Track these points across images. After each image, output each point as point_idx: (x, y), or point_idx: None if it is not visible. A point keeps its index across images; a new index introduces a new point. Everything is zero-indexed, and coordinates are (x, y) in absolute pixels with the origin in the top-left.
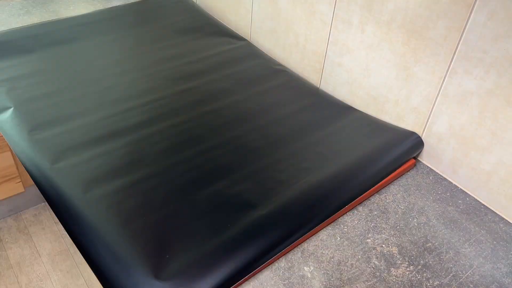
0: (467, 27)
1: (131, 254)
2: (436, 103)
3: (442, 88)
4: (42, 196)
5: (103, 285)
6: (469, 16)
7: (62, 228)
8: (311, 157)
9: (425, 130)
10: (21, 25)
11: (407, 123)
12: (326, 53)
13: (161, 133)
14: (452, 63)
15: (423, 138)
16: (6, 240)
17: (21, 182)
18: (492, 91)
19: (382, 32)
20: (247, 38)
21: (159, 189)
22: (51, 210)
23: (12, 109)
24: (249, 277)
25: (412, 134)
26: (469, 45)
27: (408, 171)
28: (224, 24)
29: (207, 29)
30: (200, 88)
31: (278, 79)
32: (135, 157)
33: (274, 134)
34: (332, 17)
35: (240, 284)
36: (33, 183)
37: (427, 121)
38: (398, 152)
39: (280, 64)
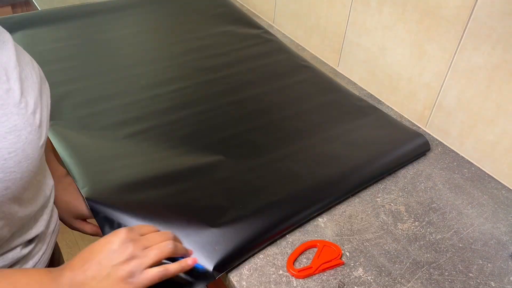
0: (476, 5)
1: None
2: (446, 79)
3: (452, 64)
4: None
5: None
6: None
7: None
8: (324, 153)
9: (435, 105)
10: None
11: (419, 99)
12: (345, 34)
13: (184, 120)
14: (462, 40)
15: (433, 112)
16: None
17: None
18: (498, 65)
19: (398, 12)
20: (271, 20)
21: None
22: None
23: None
24: None
25: (421, 138)
26: (478, 22)
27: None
28: (255, 20)
29: (237, 22)
30: (225, 79)
31: (303, 75)
32: (158, 142)
33: (292, 127)
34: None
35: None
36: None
37: (438, 96)
38: (405, 153)
39: (305, 61)
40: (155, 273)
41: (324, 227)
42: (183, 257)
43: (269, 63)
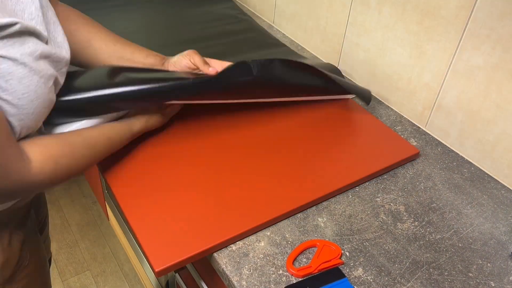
0: (476, 5)
1: None
2: (446, 79)
3: (452, 64)
4: None
5: None
6: None
7: (90, 201)
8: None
9: (435, 105)
10: None
11: (418, 99)
12: (345, 34)
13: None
14: (462, 40)
15: (432, 112)
16: None
17: None
18: (497, 65)
19: (398, 12)
20: (271, 21)
21: None
22: (79, 184)
23: None
24: (269, 225)
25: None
26: (477, 22)
27: (410, 160)
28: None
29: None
30: (199, 51)
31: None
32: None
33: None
34: (352, 0)
35: (260, 230)
36: None
37: (437, 96)
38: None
39: (274, 38)
40: None
41: (324, 227)
42: None
43: (241, 39)
